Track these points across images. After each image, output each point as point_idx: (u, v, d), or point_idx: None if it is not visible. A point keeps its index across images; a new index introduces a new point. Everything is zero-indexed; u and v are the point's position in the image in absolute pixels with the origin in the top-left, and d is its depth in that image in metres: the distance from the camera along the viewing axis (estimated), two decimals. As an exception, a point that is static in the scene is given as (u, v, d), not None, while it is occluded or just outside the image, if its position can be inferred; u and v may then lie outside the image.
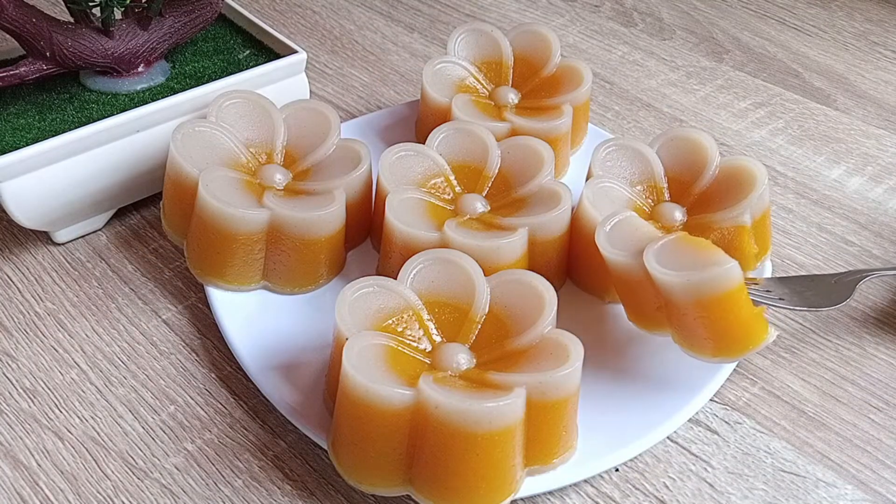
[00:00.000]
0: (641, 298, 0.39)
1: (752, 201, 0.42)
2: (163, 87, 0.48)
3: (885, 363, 0.43)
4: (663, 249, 0.37)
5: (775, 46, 0.68)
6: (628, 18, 0.71)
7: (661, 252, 0.37)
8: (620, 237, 0.39)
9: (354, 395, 0.32)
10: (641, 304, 0.39)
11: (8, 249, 0.48)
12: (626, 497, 0.37)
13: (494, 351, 0.35)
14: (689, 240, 0.38)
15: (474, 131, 0.45)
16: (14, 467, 0.37)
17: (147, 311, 0.44)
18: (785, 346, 0.43)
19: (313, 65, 0.64)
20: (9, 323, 0.44)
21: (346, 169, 0.43)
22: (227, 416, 0.39)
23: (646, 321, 0.40)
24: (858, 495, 0.37)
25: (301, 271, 0.43)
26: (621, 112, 0.60)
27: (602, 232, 0.39)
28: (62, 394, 0.40)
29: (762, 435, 0.39)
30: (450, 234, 0.40)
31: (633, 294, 0.39)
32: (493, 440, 0.32)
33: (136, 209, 0.50)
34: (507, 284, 0.37)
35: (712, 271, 0.35)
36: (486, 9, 0.72)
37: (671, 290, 0.36)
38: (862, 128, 0.59)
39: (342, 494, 0.36)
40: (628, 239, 0.39)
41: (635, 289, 0.39)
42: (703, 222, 0.43)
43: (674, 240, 0.38)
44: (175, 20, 0.48)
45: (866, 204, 0.52)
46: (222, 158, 0.43)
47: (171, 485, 0.37)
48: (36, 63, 0.45)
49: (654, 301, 0.38)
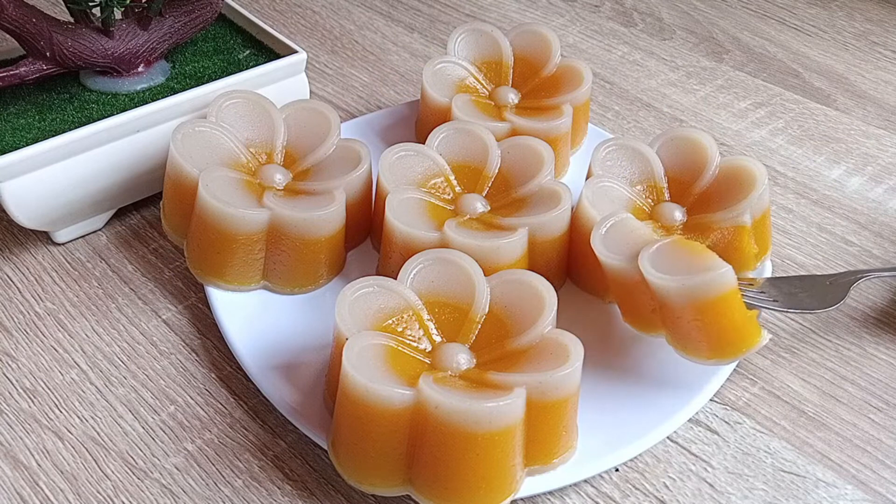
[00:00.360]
0: (637, 301, 0.39)
1: (752, 201, 0.42)
2: (163, 87, 0.48)
3: (885, 363, 0.43)
4: (658, 253, 0.37)
5: (775, 46, 0.68)
6: (628, 18, 0.71)
7: (656, 256, 0.37)
8: (616, 240, 0.39)
9: (354, 395, 0.32)
10: (637, 306, 0.39)
11: (8, 249, 0.48)
12: (626, 497, 0.37)
13: (494, 351, 0.35)
14: (684, 244, 0.38)
15: (474, 131, 0.45)
16: (14, 467, 0.37)
17: (147, 311, 0.44)
18: (785, 346, 0.43)
19: (313, 65, 0.64)
20: (9, 323, 0.44)
21: (346, 169, 0.43)
22: (227, 416, 0.39)
23: (641, 323, 0.40)
24: (858, 495, 0.37)
25: (301, 271, 0.43)
26: (621, 112, 0.60)
27: (598, 234, 0.39)
28: (62, 394, 0.40)
29: (762, 435, 0.39)
30: (450, 234, 0.40)
31: (628, 296, 0.39)
32: (493, 440, 0.32)
33: (136, 209, 0.50)
34: (507, 284, 0.37)
35: (706, 275, 0.35)
36: (486, 9, 0.72)
37: (666, 293, 0.36)
38: (862, 128, 0.59)
39: (342, 494, 0.36)
40: (624, 241, 0.39)
41: (631, 291, 0.39)
42: (703, 222, 0.43)
43: (668, 243, 0.38)
44: (175, 20, 0.48)
45: (866, 204, 0.52)
46: (222, 158, 0.43)
47: (171, 485, 0.37)
48: (36, 63, 0.45)
49: (649, 303, 0.38)
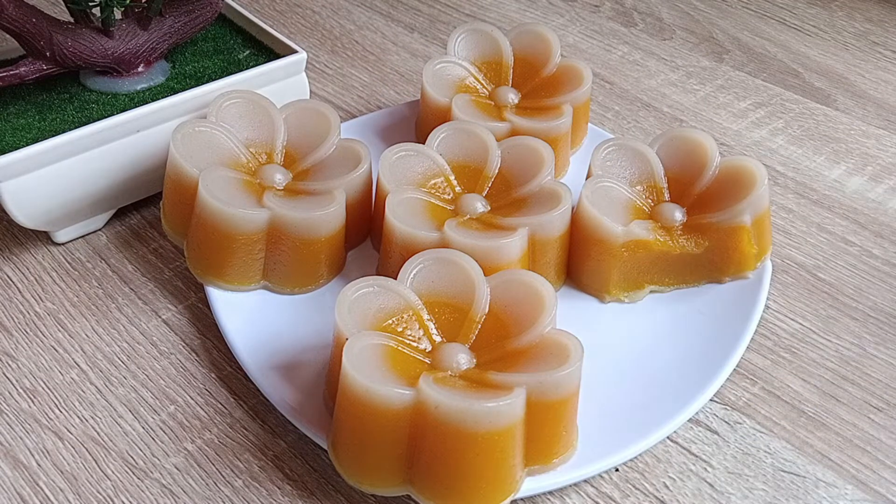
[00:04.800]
0: None
1: (752, 201, 0.42)
2: (163, 87, 0.48)
3: (885, 363, 0.43)
4: None
5: (775, 46, 0.68)
6: (628, 18, 0.71)
7: None
8: None
9: (354, 395, 0.32)
10: None
11: (8, 249, 0.48)
12: (626, 497, 0.37)
13: (494, 351, 0.35)
14: None
15: (474, 131, 0.45)
16: (14, 467, 0.37)
17: (147, 311, 0.44)
18: (785, 346, 0.43)
19: (313, 65, 0.64)
20: (9, 323, 0.44)
21: (346, 169, 0.43)
22: (227, 416, 0.39)
23: None
24: (858, 495, 0.37)
25: (301, 271, 0.43)
26: (621, 112, 0.60)
27: None
28: (62, 394, 0.40)
29: (762, 435, 0.39)
30: (450, 234, 0.40)
31: None
32: (493, 440, 0.32)
33: (136, 209, 0.50)
34: (507, 284, 0.37)
35: None
36: (486, 9, 0.72)
37: None
38: (862, 128, 0.59)
39: (342, 494, 0.36)
40: None
41: None
42: (703, 222, 0.43)
43: None
44: (175, 20, 0.48)
45: (866, 204, 0.52)
46: (222, 158, 0.43)
47: (171, 485, 0.37)
48: (36, 63, 0.45)
49: None
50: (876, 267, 0.48)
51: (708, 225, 0.42)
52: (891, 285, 0.47)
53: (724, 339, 0.41)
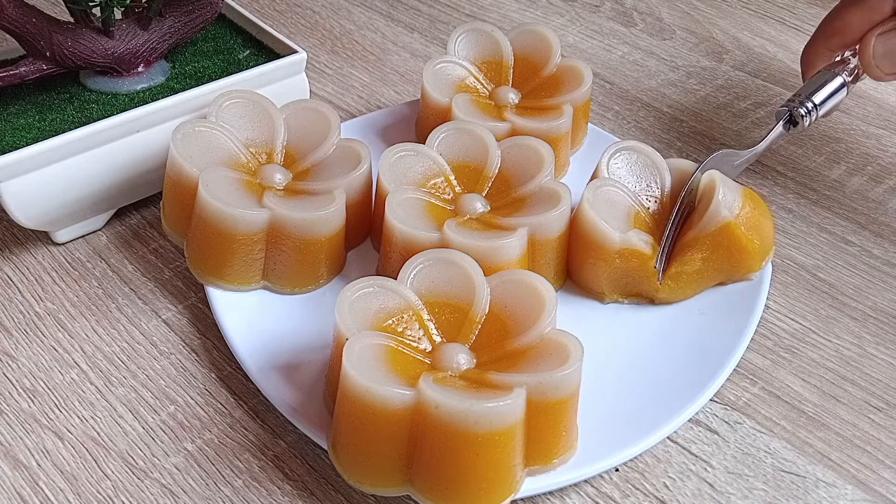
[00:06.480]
0: None
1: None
2: (163, 87, 0.48)
3: (885, 363, 0.43)
4: None
5: (775, 46, 0.68)
6: (628, 18, 0.71)
7: None
8: None
9: (354, 395, 0.32)
10: None
11: (8, 249, 0.48)
12: (626, 497, 0.37)
13: (494, 351, 0.35)
14: None
15: (474, 131, 0.45)
16: (14, 467, 0.37)
17: (147, 311, 0.44)
18: (785, 346, 0.43)
19: (313, 65, 0.63)
20: (9, 323, 0.44)
21: (346, 169, 0.43)
22: (227, 416, 0.39)
23: None
24: (858, 495, 0.37)
25: (301, 271, 0.43)
26: (621, 112, 0.60)
27: None
28: (62, 394, 0.40)
29: (762, 435, 0.39)
30: (450, 235, 0.40)
31: None
32: (493, 440, 0.32)
33: (136, 209, 0.50)
34: (507, 284, 0.37)
35: None
36: (486, 9, 0.72)
37: None
38: (862, 128, 0.59)
39: (342, 494, 0.36)
40: None
41: None
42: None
43: None
44: (175, 20, 0.48)
45: (866, 204, 0.52)
46: (222, 158, 0.43)
47: (171, 485, 0.37)
48: (36, 63, 0.45)
49: None
50: (876, 267, 0.48)
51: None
52: (891, 285, 0.47)
53: (724, 339, 0.41)
